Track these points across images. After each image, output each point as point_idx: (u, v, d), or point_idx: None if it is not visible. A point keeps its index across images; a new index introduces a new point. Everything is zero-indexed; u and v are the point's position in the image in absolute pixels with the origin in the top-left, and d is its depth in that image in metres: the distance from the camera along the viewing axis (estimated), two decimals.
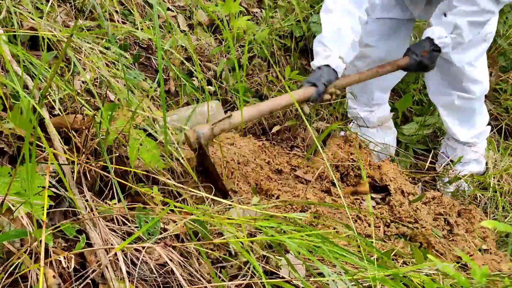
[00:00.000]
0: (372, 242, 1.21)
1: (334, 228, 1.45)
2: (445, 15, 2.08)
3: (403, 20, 2.34)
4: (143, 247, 1.06)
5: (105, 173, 1.28)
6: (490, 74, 3.30)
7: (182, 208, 1.14)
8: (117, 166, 1.25)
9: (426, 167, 2.45)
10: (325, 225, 1.47)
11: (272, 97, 2.42)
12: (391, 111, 2.65)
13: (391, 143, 2.56)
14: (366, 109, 2.51)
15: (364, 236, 1.52)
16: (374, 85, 2.41)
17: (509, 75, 3.34)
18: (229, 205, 1.39)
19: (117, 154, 1.32)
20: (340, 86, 1.97)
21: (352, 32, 1.95)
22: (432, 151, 2.59)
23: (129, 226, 1.32)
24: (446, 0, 2.10)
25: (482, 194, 2.35)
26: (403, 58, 2.15)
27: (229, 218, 1.04)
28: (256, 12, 3.39)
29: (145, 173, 1.31)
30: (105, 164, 1.21)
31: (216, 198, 1.14)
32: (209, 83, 2.56)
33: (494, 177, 2.41)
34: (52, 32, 1.74)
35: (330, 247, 0.99)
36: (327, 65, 1.87)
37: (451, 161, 2.49)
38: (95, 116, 1.30)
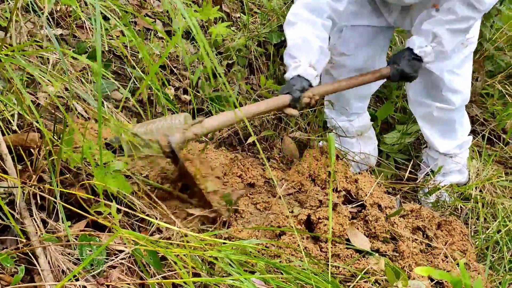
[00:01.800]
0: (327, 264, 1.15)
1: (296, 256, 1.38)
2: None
3: (380, 27, 2.28)
4: (75, 286, 1.00)
5: (55, 197, 1.22)
6: (476, 79, 3.25)
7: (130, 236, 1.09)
8: (63, 190, 1.19)
9: (406, 177, 2.40)
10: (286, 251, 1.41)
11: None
12: (372, 120, 2.60)
13: (371, 153, 2.50)
14: (344, 119, 2.46)
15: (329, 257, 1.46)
16: (351, 94, 2.35)
17: (495, 79, 3.29)
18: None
19: (68, 175, 1.26)
20: (319, 94, 1.94)
21: (318, 38, 1.92)
22: (412, 160, 2.53)
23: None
24: (425, 10, 2.06)
25: (463, 205, 2.29)
26: (385, 68, 2.11)
27: (175, 247, 0.98)
28: (239, 17, 3.33)
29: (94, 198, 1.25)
30: (51, 187, 1.16)
31: (168, 225, 1.08)
32: (186, 92, 2.50)
33: (476, 187, 2.36)
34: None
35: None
36: (298, 75, 1.84)
37: (432, 171, 2.43)
38: (48, 137, 1.24)
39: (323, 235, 1.53)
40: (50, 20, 2.32)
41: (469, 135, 2.50)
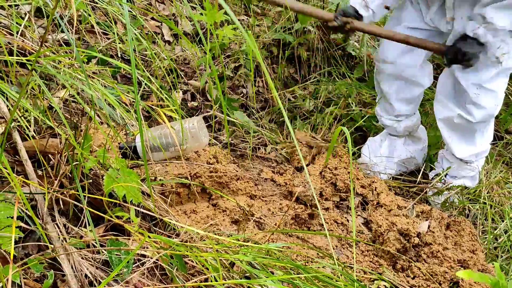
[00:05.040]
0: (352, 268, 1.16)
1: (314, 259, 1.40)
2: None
3: (420, 30, 2.25)
4: None
5: (79, 200, 1.23)
6: None
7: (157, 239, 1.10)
8: (90, 195, 1.20)
9: (419, 180, 2.41)
10: (305, 252, 1.42)
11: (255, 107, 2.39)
12: None
13: (417, 153, 2.54)
14: (392, 118, 2.48)
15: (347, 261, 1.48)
16: (393, 96, 2.40)
17: None
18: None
19: (90, 181, 1.27)
20: (361, 28, 2.14)
21: None
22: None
23: (105, 254, 1.27)
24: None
25: (471, 206, 2.31)
26: (442, 44, 2.12)
27: (203, 251, 0.99)
28: (243, 19, 3.35)
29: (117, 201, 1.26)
30: (77, 192, 1.17)
31: (189, 228, 1.10)
32: (193, 95, 2.52)
33: (484, 188, 2.38)
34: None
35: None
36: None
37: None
38: (67, 140, 1.25)
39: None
40: (60, 25, 2.32)
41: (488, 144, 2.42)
